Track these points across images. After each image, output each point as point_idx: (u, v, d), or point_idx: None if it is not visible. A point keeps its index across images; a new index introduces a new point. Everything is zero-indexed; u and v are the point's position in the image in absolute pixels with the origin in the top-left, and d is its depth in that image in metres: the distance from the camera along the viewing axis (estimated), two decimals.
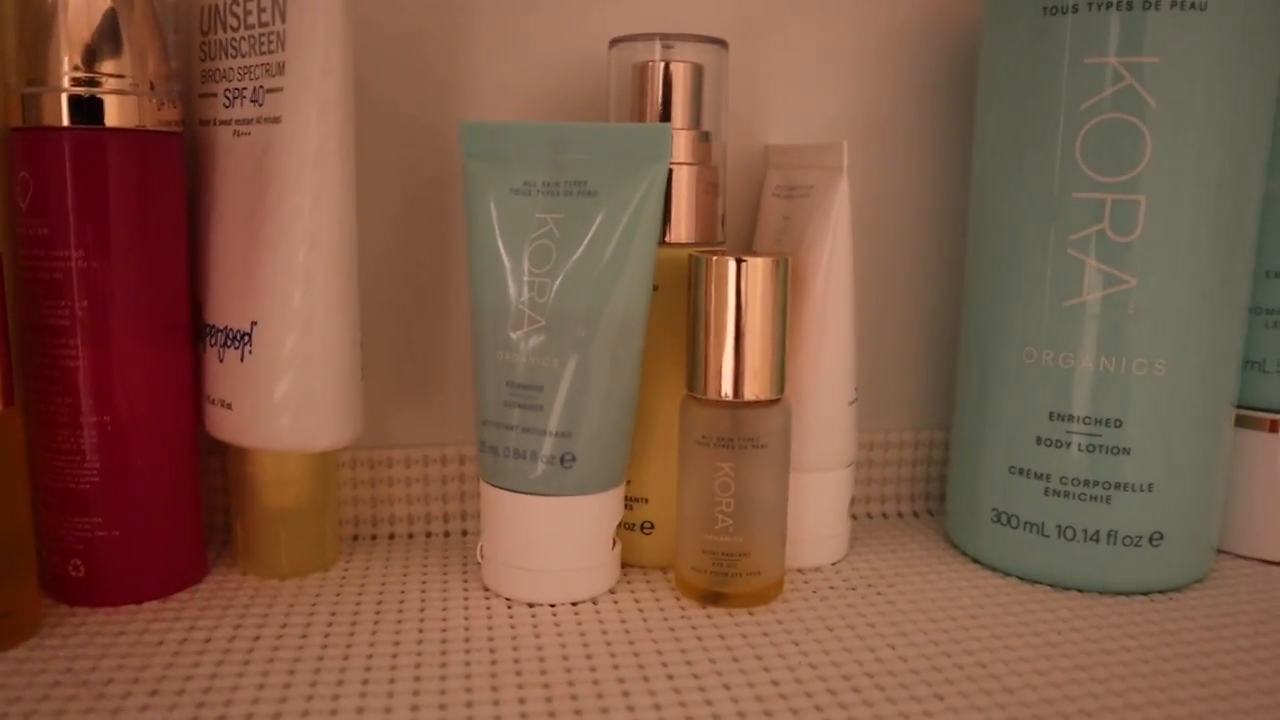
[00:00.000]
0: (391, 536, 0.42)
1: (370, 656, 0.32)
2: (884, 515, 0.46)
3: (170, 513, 0.36)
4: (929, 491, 0.47)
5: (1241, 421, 0.40)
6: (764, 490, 0.35)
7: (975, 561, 0.40)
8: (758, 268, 0.34)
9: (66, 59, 0.32)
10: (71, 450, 0.34)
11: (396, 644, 0.33)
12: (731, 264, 0.34)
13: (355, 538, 0.42)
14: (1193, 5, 0.34)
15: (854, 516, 0.46)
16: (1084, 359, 0.36)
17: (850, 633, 0.34)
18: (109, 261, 0.33)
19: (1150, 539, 0.37)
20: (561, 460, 0.35)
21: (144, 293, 0.34)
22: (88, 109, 0.33)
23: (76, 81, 0.32)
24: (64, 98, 0.32)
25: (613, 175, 0.35)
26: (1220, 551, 0.42)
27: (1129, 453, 0.36)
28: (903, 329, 0.46)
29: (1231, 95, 0.35)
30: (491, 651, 0.32)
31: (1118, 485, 0.37)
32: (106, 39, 0.33)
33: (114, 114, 0.33)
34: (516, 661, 0.32)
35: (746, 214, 0.43)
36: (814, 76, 0.43)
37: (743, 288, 0.34)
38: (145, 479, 0.35)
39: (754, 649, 0.33)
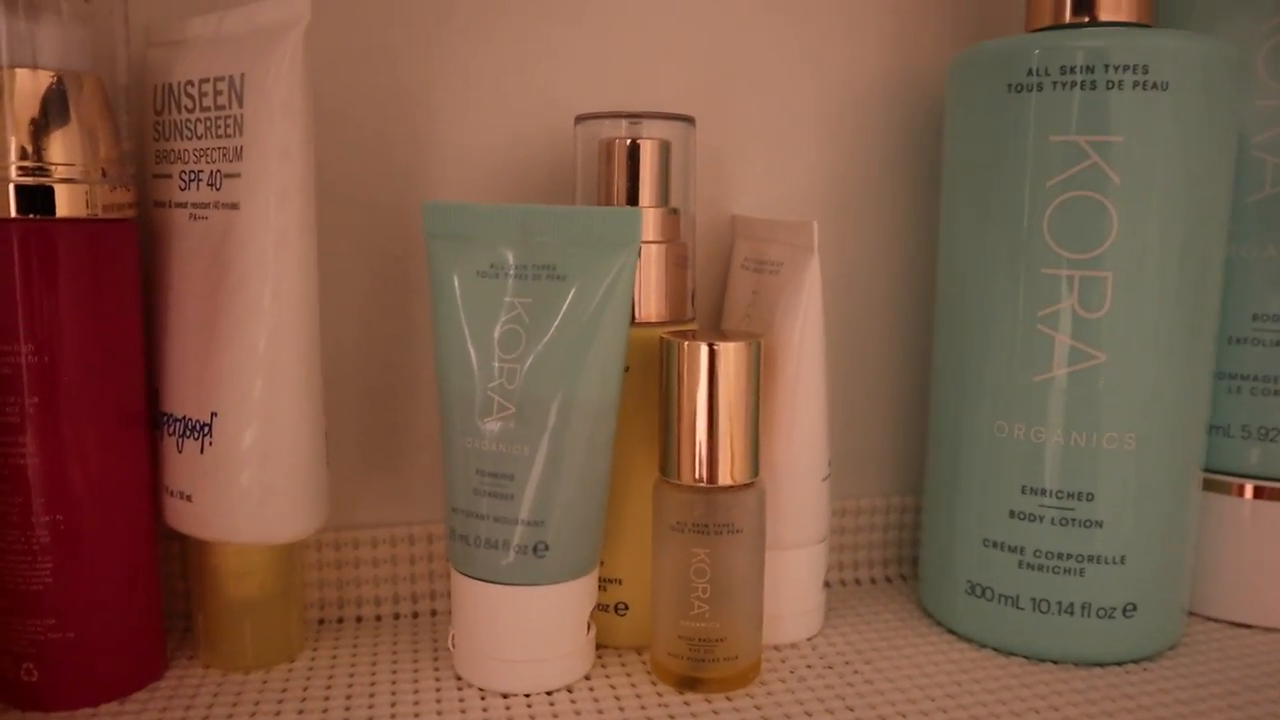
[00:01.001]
0: (359, 619, 0.41)
1: None
2: (858, 582, 0.46)
3: (128, 611, 0.35)
4: (902, 556, 0.47)
5: (1208, 485, 0.41)
6: (740, 574, 0.35)
7: (951, 632, 0.40)
8: (730, 353, 0.34)
9: (13, 146, 0.31)
10: (23, 551, 0.33)
11: None
12: (704, 349, 0.34)
13: (322, 621, 0.41)
14: (1154, 85, 0.34)
15: (829, 584, 0.45)
16: (1054, 433, 0.36)
17: (828, 717, 0.34)
18: (60, 356, 0.32)
19: (1124, 610, 0.37)
20: (534, 549, 0.34)
21: (97, 385, 0.33)
22: (36, 199, 0.31)
23: (24, 171, 0.31)
24: (11, 188, 0.31)
25: (582, 259, 0.34)
26: (1191, 614, 0.42)
27: (1101, 525, 0.36)
28: (873, 395, 0.46)
29: (1193, 171, 0.35)
30: None
31: (1090, 558, 0.37)
32: (55, 126, 0.32)
33: (64, 203, 0.32)
34: None
35: (715, 284, 0.43)
36: (782, 147, 0.43)
37: (715, 373, 0.34)
38: (101, 578, 0.34)
39: None
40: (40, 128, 0.32)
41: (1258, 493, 0.41)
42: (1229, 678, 0.37)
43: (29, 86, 0.31)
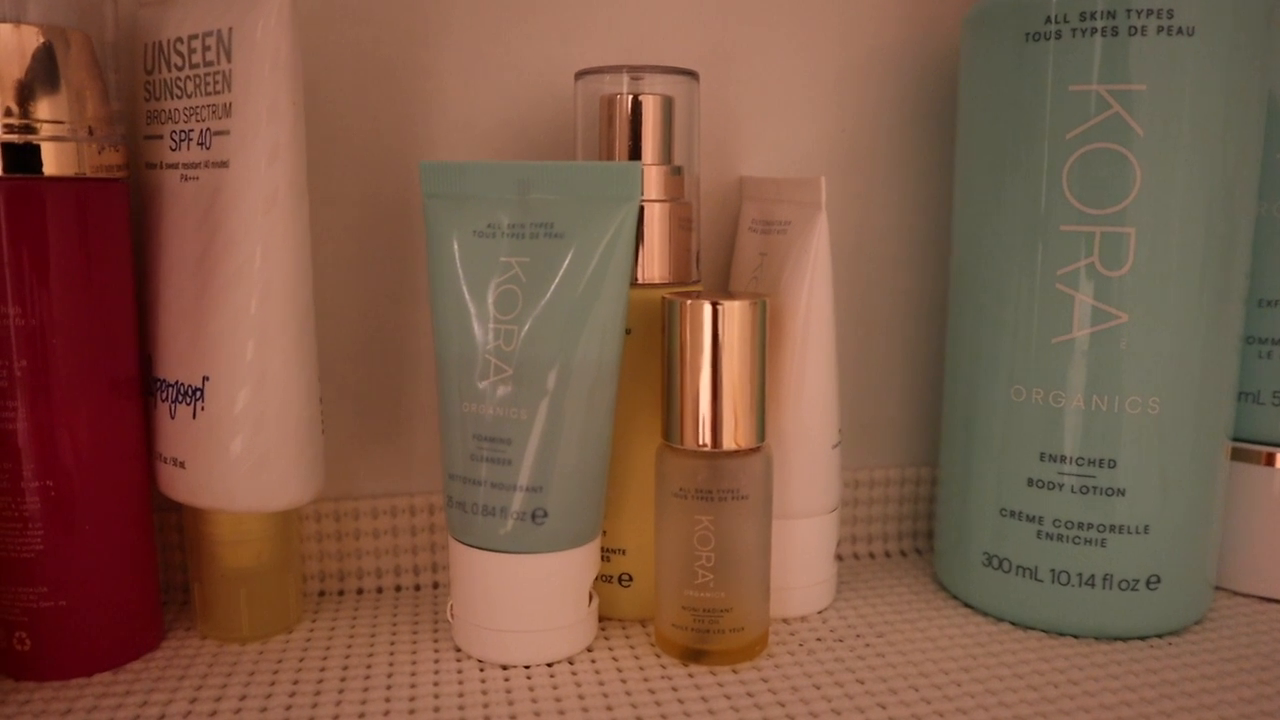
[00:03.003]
0: (360, 591, 0.40)
1: None
2: (871, 555, 0.45)
3: (121, 579, 0.34)
4: (917, 529, 0.45)
5: (1236, 455, 0.39)
6: (745, 543, 0.34)
7: (966, 606, 0.39)
8: (734, 311, 0.33)
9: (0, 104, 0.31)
10: (13, 517, 0.32)
11: (362, 715, 0.31)
12: (707, 308, 0.33)
13: (322, 593, 0.40)
14: (1180, 30, 0.33)
15: (840, 557, 0.44)
16: (1074, 398, 0.35)
17: (838, 690, 0.33)
18: (49, 317, 0.31)
19: (1147, 582, 0.36)
20: (533, 516, 0.33)
21: (88, 348, 0.32)
22: (23, 157, 0.31)
23: (10, 128, 0.31)
24: None
25: (580, 216, 0.33)
26: (1218, 588, 0.40)
27: (1123, 494, 0.35)
28: (887, 363, 0.45)
29: (1220, 122, 0.34)
30: None
31: (1112, 528, 0.35)
32: (42, 83, 0.31)
33: (51, 162, 0.31)
34: None
35: (722, 248, 0.42)
36: (790, 106, 0.42)
37: (719, 333, 0.33)
38: (93, 545, 0.33)
39: (738, 711, 0.31)
40: (26, 85, 0.31)
41: None
42: (1257, 653, 0.35)
43: (14, 42, 0.31)
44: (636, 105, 0.35)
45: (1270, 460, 0.39)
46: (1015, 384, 0.36)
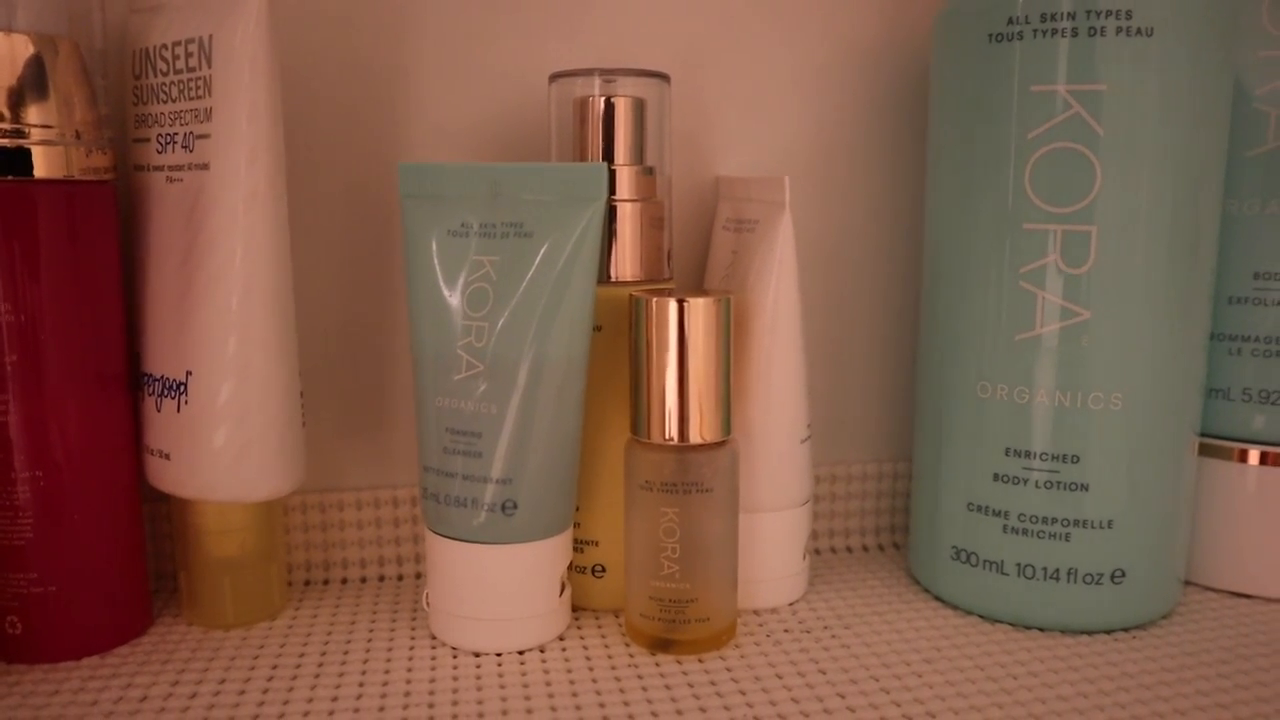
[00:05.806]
0: (344, 581, 0.42)
1: (306, 715, 0.31)
2: (848, 549, 0.45)
3: (110, 566, 0.35)
4: (894, 524, 0.46)
5: (1208, 451, 0.39)
6: (711, 535, 0.34)
7: (937, 599, 0.40)
8: (699, 308, 0.33)
9: None
10: (4, 506, 0.33)
11: (335, 699, 0.32)
12: (672, 305, 0.33)
13: (307, 583, 0.41)
14: (1139, 31, 0.33)
15: (817, 551, 0.45)
16: (1039, 394, 0.35)
17: (800, 681, 0.33)
18: (39, 314, 0.33)
19: (1111, 576, 0.36)
20: (503, 508, 0.34)
21: (77, 344, 0.34)
22: (14, 160, 0.32)
23: (2, 133, 0.32)
24: None
25: (549, 216, 0.34)
26: (1189, 584, 0.41)
27: (1088, 489, 0.35)
28: (864, 359, 0.45)
29: (1182, 121, 0.34)
30: (430, 706, 0.32)
31: (1077, 522, 0.36)
32: (32, 89, 0.32)
33: (41, 164, 0.32)
34: (455, 716, 0.31)
35: (700, 246, 0.42)
36: (766, 105, 0.43)
37: (685, 329, 0.33)
38: (82, 533, 0.34)
39: (699, 700, 0.32)
40: (16, 91, 0.32)
41: (1263, 459, 0.39)
42: (1220, 646, 0.36)
43: (4, 50, 0.32)
44: (609, 107, 0.36)
45: (1242, 456, 0.40)
46: (981, 380, 0.37)
